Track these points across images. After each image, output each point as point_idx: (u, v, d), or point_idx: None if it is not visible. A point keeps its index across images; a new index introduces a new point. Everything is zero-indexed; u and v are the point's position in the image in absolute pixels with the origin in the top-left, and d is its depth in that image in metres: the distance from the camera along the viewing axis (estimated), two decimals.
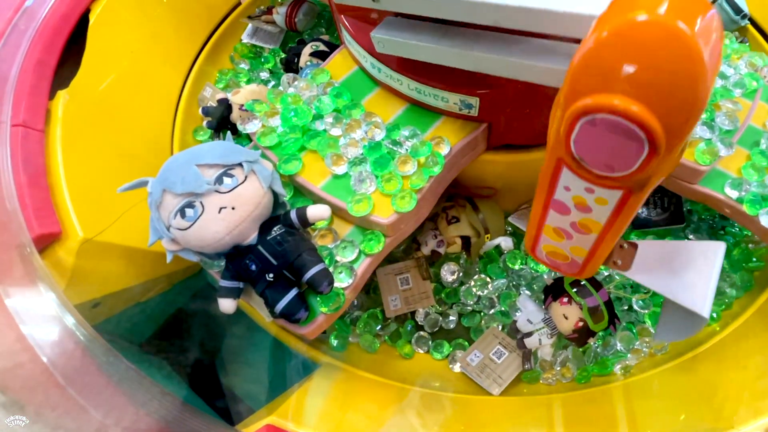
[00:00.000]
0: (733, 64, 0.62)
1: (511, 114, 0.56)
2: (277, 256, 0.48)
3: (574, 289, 0.58)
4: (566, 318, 0.58)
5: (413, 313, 0.71)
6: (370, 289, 0.73)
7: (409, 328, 0.71)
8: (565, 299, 0.58)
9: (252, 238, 0.48)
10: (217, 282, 0.50)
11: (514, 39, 0.46)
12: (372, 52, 0.56)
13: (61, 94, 0.63)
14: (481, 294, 0.71)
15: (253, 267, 0.47)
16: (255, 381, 0.65)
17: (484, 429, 0.59)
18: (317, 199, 0.56)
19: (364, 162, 0.55)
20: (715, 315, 0.65)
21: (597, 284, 0.59)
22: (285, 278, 0.49)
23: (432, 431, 0.57)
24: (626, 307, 0.68)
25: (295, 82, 0.63)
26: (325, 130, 0.58)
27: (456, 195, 0.70)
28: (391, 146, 0.56)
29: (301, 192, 0.58)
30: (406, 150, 0.56)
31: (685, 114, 0.28)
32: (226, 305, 0.49)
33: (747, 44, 0.77)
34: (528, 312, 0.62)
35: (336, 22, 0.64)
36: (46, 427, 0.42)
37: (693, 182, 0.56)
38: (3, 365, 0.44)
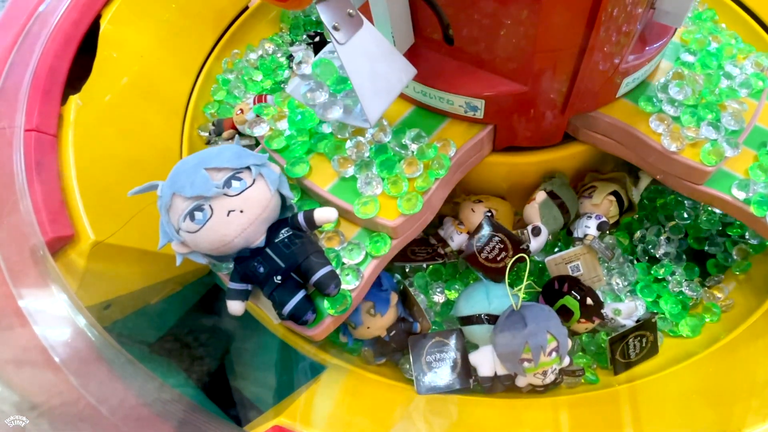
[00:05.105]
0: (738, 64, 0.61)
1: (517, 116, 0.57)
2: (285, 259, 0.48)
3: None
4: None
5: None
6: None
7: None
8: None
9: (260, 240, 0.48)
10: (226, 284, 0.51)
11: None
12: None
13: (73, 99, 0.64)
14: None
15: (261, 269, 0.48)
16: (263, 382, 0.66)
17: (491, 431, 0.59)
18: (324, 202, 0.56)
19: (371, 164, 0.55)
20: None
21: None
22: (293, 280, 0.49)
23: None
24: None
25: None
26: (332, 133, 0.58)
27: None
28: (397, 149, 0.56)
29: (308, 195, 0.58)
30: (412, 152, 0.56)
31: None
32: (235, 307, 0.50)
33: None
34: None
35: None
36: (56, 426, 0.43)
37: (699, 183, 0.56)
38: (16, 365, 0.45)
